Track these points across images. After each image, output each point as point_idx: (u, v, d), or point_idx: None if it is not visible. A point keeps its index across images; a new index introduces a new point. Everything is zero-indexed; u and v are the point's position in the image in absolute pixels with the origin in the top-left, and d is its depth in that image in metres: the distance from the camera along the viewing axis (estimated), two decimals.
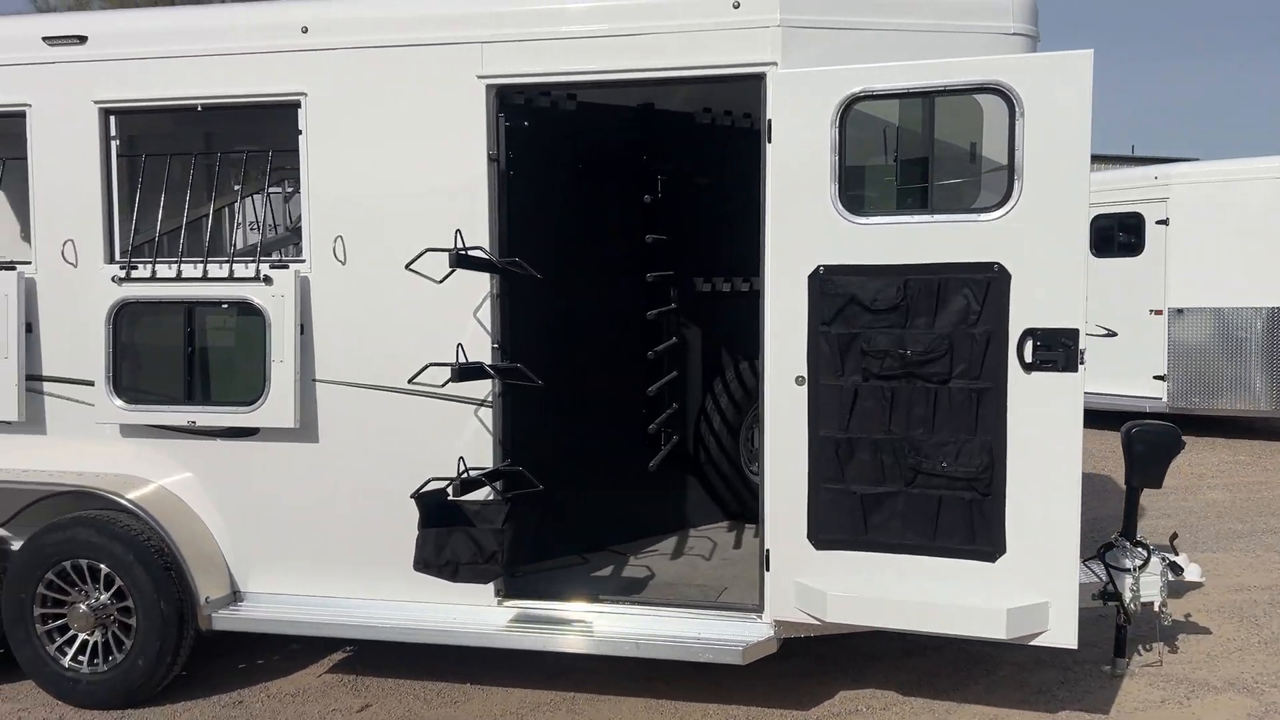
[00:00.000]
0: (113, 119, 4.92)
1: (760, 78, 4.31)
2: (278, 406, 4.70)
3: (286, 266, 4.75)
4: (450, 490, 4.13)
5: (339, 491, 4.79)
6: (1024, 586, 4.11)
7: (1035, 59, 4.10)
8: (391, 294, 4.65)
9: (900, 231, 4.16)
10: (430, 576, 4.28)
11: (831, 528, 4.31)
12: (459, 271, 4.43)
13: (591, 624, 4.60)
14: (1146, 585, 5.06)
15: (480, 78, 4.53)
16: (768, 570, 4.42)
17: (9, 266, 5.00)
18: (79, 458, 5.00)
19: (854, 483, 4.27)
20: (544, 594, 4.76)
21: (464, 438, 4.66)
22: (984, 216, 4.08)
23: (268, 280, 4.70)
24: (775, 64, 4.28)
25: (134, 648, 4.79)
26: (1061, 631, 4.11)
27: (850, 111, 4.18)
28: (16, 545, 4.94)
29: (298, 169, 4.75)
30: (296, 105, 4.71)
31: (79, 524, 4.79)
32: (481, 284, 4.60)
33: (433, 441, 4.64)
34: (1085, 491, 4.16)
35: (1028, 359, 4.06)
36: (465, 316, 4.62)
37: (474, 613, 4.68)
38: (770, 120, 4.27)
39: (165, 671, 4.81)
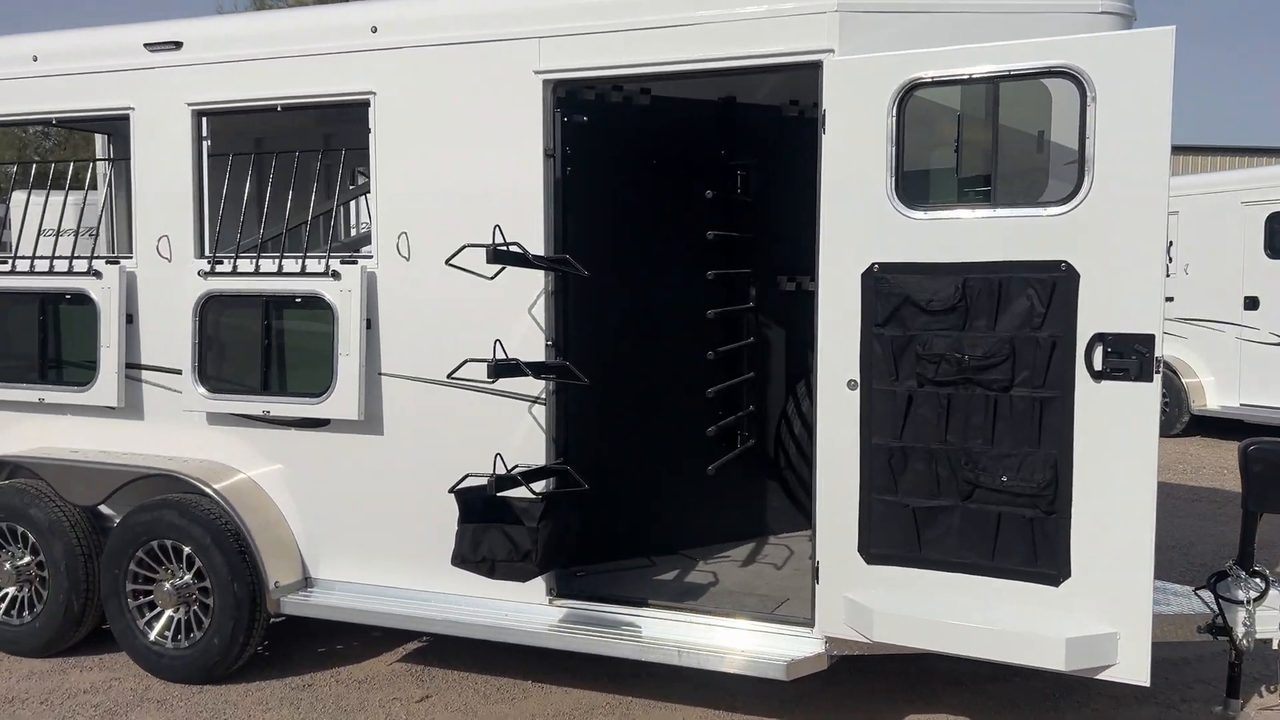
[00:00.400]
0: (204, 120, 5.14)
1: (817, 66, 4.10)
2: (343, 398, 4.81)
3: (355, 262, 4.85)
4: (488, 487, 4.12)
5: (401, 484, 4.86)
6: (1091, 614, 3.76)
7: (1109, 39, 3.74)
8: (450, 290, 4.67)
9: (960, 227, 3.88)
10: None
11: (883, 541, 4.07)
12: (512, 269, 4.41)
13: (639, 628, 4.50)
14: (1263, 620, 4.56)
15: (537, 73, 4.50)
16: (818, 583, 4.22)
17: (114, 261, 5.31)
18: (171, 443, 5.26)
19: (908, 495, 4.01)
20: (598, 595, 4.69)
21: (518, 434, 4.65)
22: (1051, 211, 3.76)
23: (336, 275, 4.81)
24: (832, 51, 4.07)
25: (210, 627, 4.99)
26: (1132, 666, 3.74)
27: (908, 99, 3.93)
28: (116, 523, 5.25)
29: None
30: (366, 104, 4.80)
31: (164, 506, 5.04)
32: (536, 281, 4.58)
33: (487, 437, 4.64)
34: (1216, 512, 3.78)
35: (1097, 367, 3.71)
36: (520, 313, 4.61)
37: (524, 610, 4.66)
38: (825, 110, 4.06)
39: (239, 652, 5.00)
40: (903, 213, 3.94)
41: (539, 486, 4.53)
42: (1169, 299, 10.84)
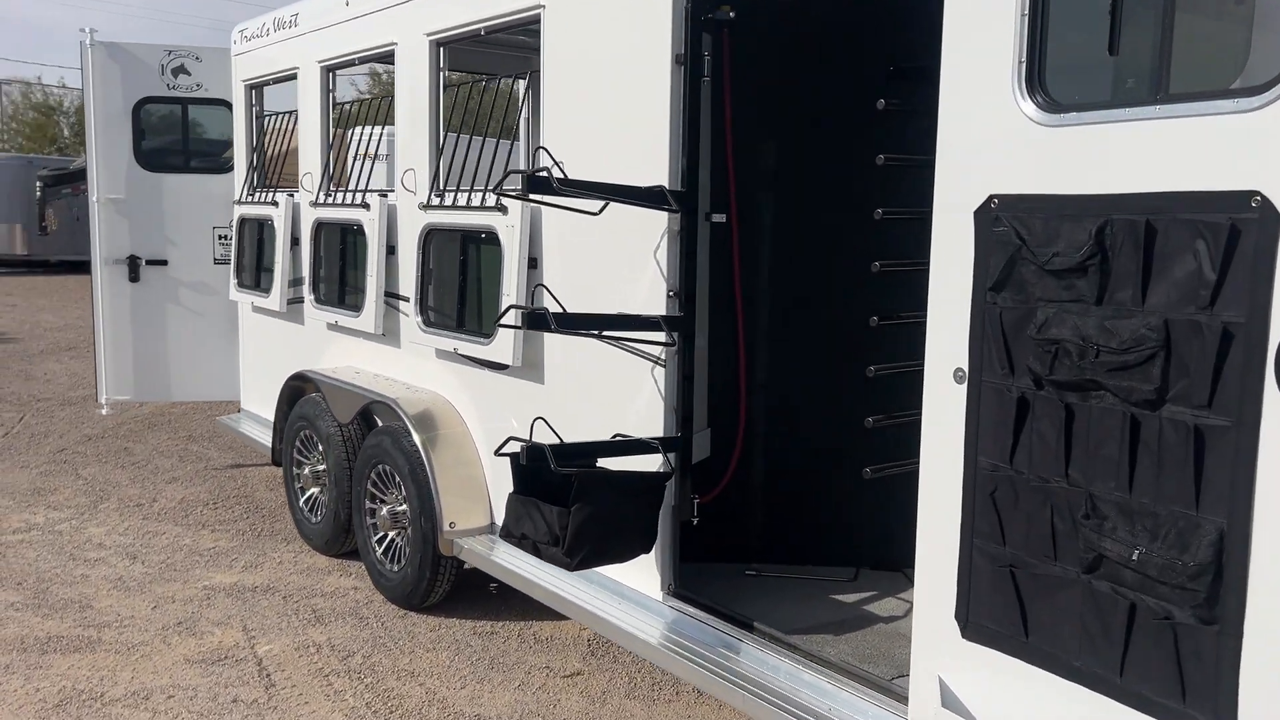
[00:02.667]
0: (441, 50, 5.08)
1: None
2: (502, 342, 4.50)
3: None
4: (522, 457, 3.52)
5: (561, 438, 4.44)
6: None
7: None
8: (592, 230, 4.09)
9: (1108, 138, 2.40)
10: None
11: (984, 612, 2.75)
12: (633, 207, 3.73)
13: (740, 659, 3.61)
14: None
15: None
16: (913, 650, 3.00)
17: (384, 194, 5.53)
18: (413, 370, 5.38)
19: (1015, 548, 2.65)
20: (713, 605, 3.86)
21: (641, 399, 3.96)
22: (1239, 106, 2.15)
23: (503, 209, 4.48)
24: None
25: (408, 557, 5.07)
26: None
27: None
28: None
29: None
30: (537, 20, 4.36)
31: (384, 433, 5.19)
32: (658, 220, 3.81)
33: (622, 396, 4.03)
34: None
35: None
36: (645, 257, 3.89)
37: (638, 603, 4.01)
38: None
39: (428, 586, 5.00)
40: (1034, 118, 2.54)
41: (655, 463, 3.82)
42: None
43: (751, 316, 4.38)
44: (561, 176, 3.47)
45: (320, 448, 5.88)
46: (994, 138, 2.64)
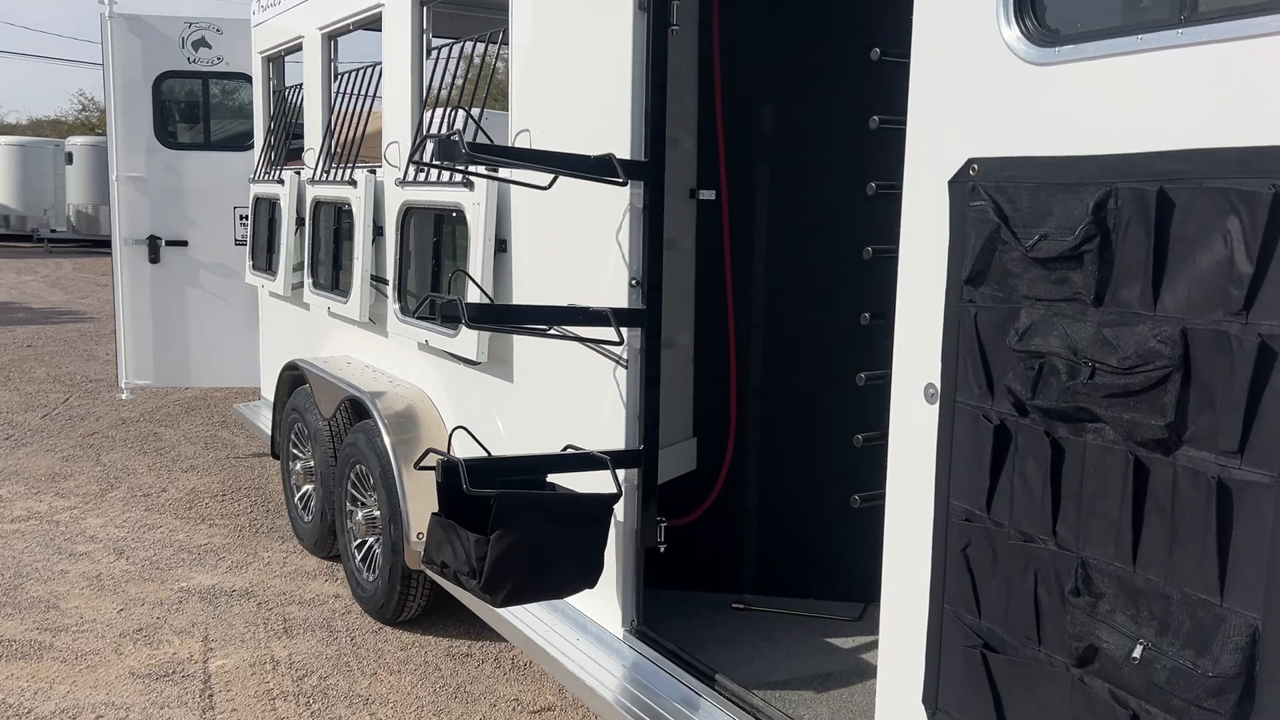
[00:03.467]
0: (425, 9, 4.59)
1: None
2: (466, 333, 3.99)
3: (497, 170, 3.94)
4: (440, 472, 3.00)
5: (532, 445, 3.92)
6: None
7: None
8: (557, 207, 3.55)
9: (1115, 77, 1.75)
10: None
11: (954, 699, 2.13)
12: (586, 180, 3.17)
13: (696, 711, 3.04)
14: None
15: None
16: None
17: (372, 170, 5.08)
18: (398, 362, 4.93)
19: (992, 622, 2.02)
20: (673, 648, 3.29)
21: (605, 404, 3.41)
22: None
23: (469, 185, 3.96)
24: None
25: (379, 568, 4.62)
26: None
27: None
28: None
29: None
30: None
31: (361, 430, 4.75)
32: (620, 196, 3.25)
33: (586, 400, 3.49)
34: None
35: None
36: (607, 239, 3.33)
37: (599, 640, 3.46)
38: None
39: (400, 601, 4.55)
40: (1021, 54, 1.90)
41: (610, 478, 3.27)
42: None
43: (745, 309, 3.78)
44: (471, 142, 2.92)
45: (310, 443, 5.49)
46: (973, 82, 2.01)
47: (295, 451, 5.75)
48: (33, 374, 10.45)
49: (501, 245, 3.94)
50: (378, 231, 4.99)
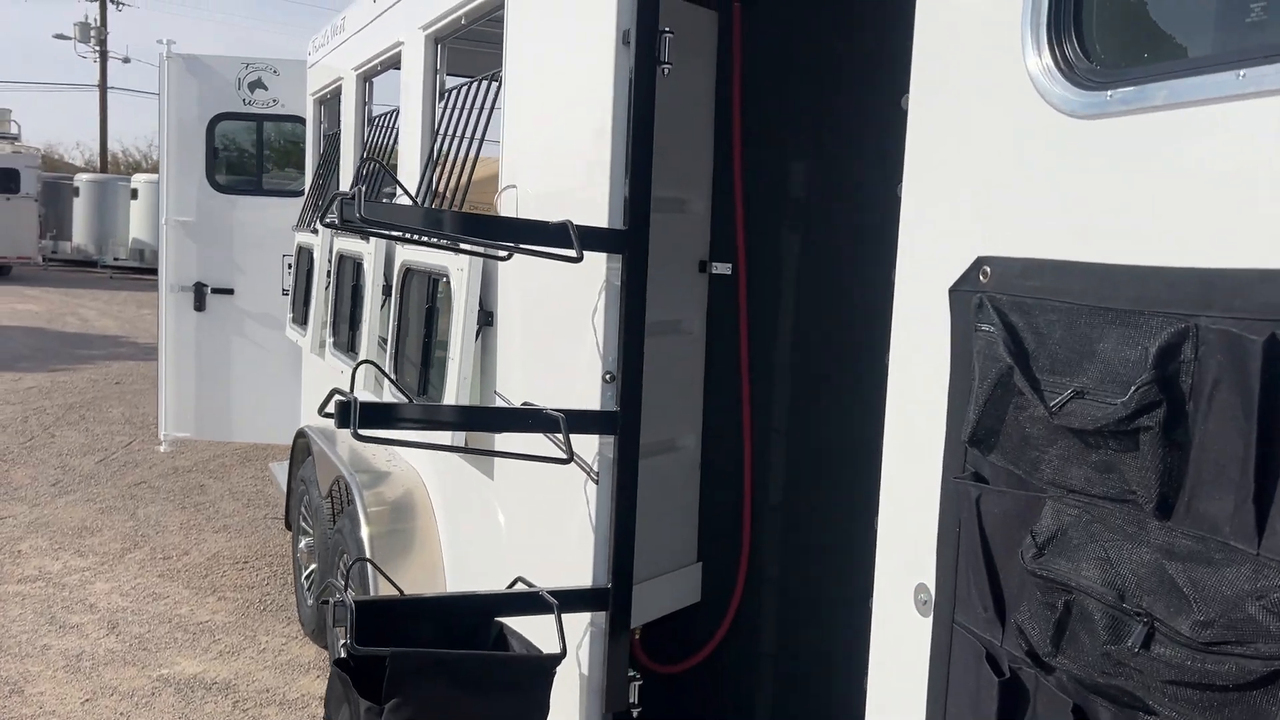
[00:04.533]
0: (439, 47, 4.10)
1: None
2: None
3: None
4: (332, 613, 2.39)
5: (514, 561, 3.30)
6: None
7: None
8: (542, 278, 2.96)
9: (1198, 137, 1.05)
10: None
11: None
12: (539, 255, 2.57)
13: None
14: None
15: None
16: None
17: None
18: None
19: None
20: None
21: (571, 525, 2.77)
22: None
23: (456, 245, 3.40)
24: None
25: None
26: None
27: None
28: None
29: None
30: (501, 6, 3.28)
31: (348, 515, 4.21)
32: (597, 267, 2.63)
33: (557, 517, 2.87)
34: None
35: None
36: (584, 322, 2.71)
37: None
38: None
39: None
40: (1060, 104, 1.21)
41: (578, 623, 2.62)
42: None
43: (764, 406, 3.09)
44: (370, 203, 2.33)
45: (314, 518, 5.00)
46: (985, 142, 1.32)
47: (305, 525, 5.27)
48: (108, 414, 10.38)
49: (488, 318, 3.36)
50: (388, 291, 4.49)
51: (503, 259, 2.70)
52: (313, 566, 5.14)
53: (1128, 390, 1.06)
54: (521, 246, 2.45)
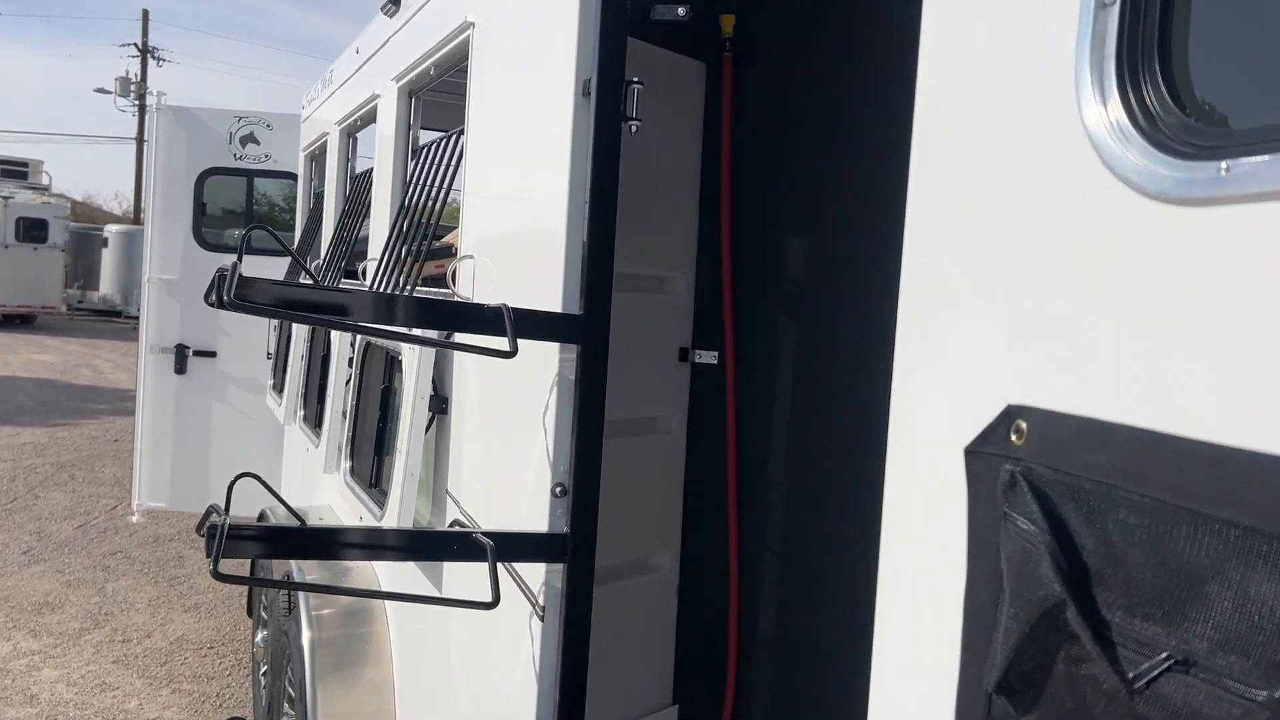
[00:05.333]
0: (413, 101, 3.73)
1: None
2: (390, 518, 2.98)
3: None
4: None
5: (457, 676, 2.83)
6: None
7: None
8: (495, 364, 2.53)
9: None
10: None
11: None
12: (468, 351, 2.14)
13: None
14: None
15: None
16: None
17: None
18: None
19: None
20: None
21: (515, 669, 2.31)
22: None
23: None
24: None
25: None
26: None
27: None
28: None
29: None
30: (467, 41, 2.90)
31: (295, 618, 3.76)
32: (550, 355, 2.20)
33: (490, 661, 2.41)
34: None
35: None
36: (534, 425, 2.27)
37: None
38: None
39: None
40: (1137, 179, 0.77)
41: None
42: None
43: (754, 521, 2.63)
44: (253, 279, 1.90)
45: (270, 611, 4.56)
46: (1023, 236, 0.88)
47: (264, 615, 4.82)
48: (100, 474, 10.02)
49: (442, 405, 2.93)
50: (353, 363, 4.08)
51: (438, 345, 2.28)
52: (266, 666, 4.69)
53: None
54: (452, 341, 2.03)
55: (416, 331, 2.36)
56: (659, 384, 2.55)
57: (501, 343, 1.96)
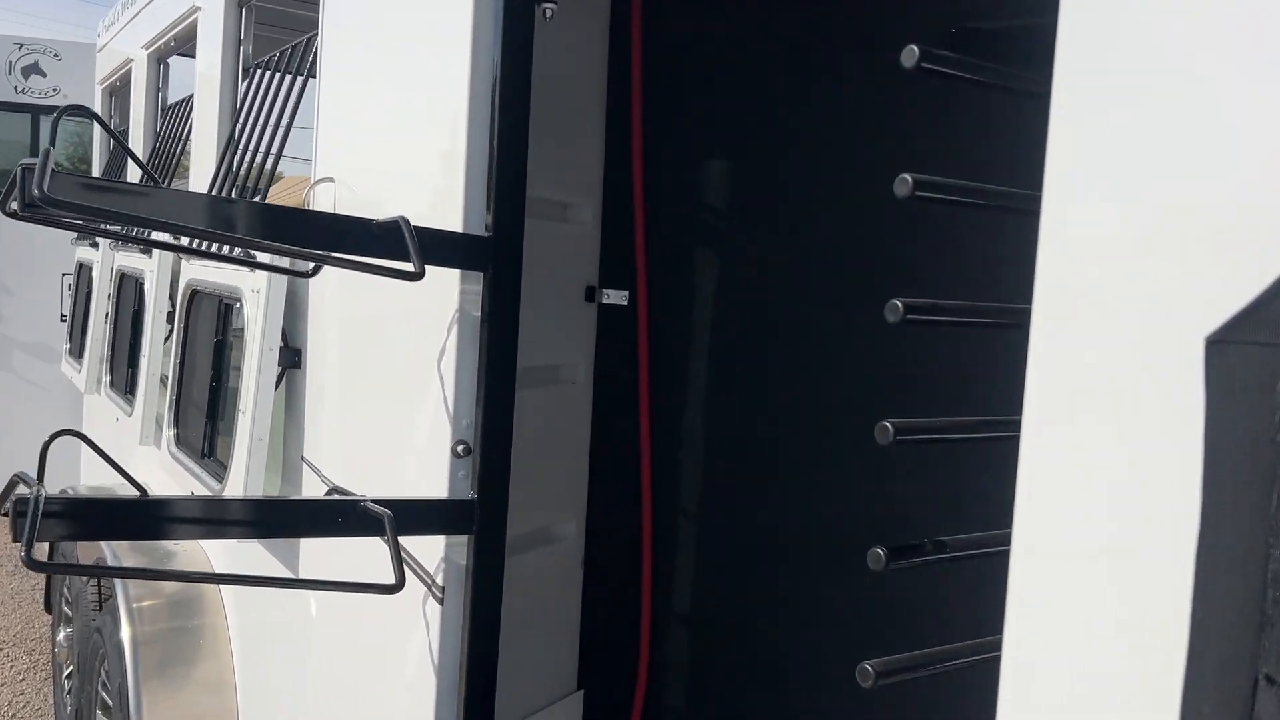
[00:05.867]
0: (243, 11, 3.22)
1: None
2: (234, 487, 2.53)
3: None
4: None
5: (322, 672, 2.42)
6: None
7: None
8: (372, 303, 2.13)
9: None
10: None
11: None
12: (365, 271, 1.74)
13: None
14: None
15: None
16: None
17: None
18: None
19: None
20: None
21: (408, 659, 1.94)
22: None
23: (249, 261, 2.53)
24: None
25: None
26: None
27: None
28: None
29: None
30: None
31: (110, 611, 3.24)
32: (448, 288, 1.82)
33: (393, 644, 2.03)
34: None
35: None
36: (429, 370, 1.89)
37: None
38: None
39: None
40: None
41: None
42: None
43: (669, 480, 2.34)
44: (67, 175, 1.47)
45: (75, 607, 3.97)
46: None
47: (67, 611, 4.21)
48: None
49: (295, 357, 2.50)
50: (172, 318, 3.55)
51: (306, 275, 1.88)
52: (71, 667, 4.09)
53: None
54: (333, 256, 1.63)
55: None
56: (563, 328, 2.21)
57: (402, 268, 1.58)
